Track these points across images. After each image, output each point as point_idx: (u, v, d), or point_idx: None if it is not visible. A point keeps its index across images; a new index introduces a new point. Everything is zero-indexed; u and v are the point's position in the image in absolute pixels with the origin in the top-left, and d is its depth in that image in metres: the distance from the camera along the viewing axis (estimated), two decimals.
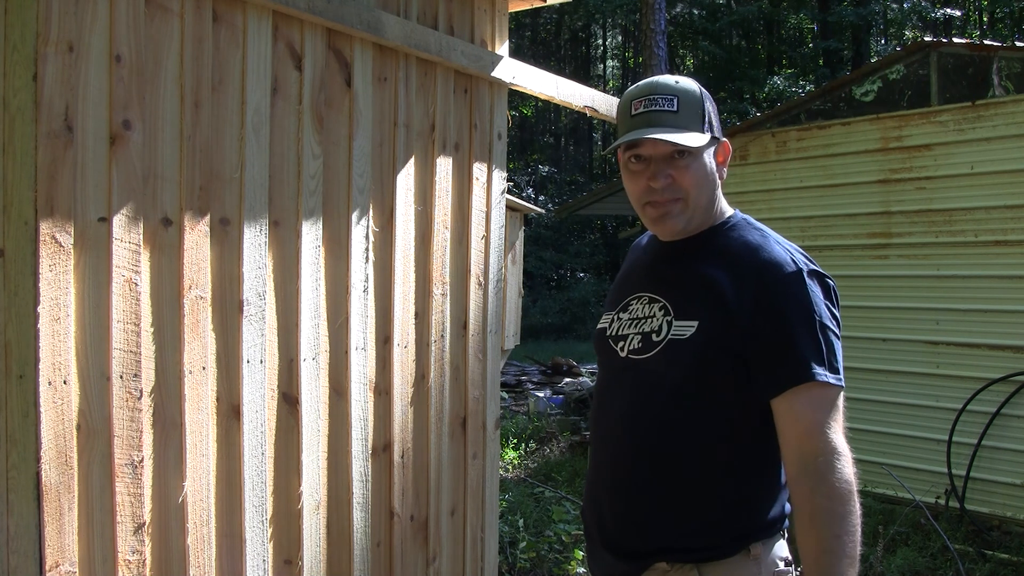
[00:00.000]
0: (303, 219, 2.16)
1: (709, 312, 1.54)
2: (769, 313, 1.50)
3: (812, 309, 1.50)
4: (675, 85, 1.61)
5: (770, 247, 1.58)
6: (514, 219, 9.85)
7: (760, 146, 6.41)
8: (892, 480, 5.34)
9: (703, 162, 1.60)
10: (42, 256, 1.60)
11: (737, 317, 1.51)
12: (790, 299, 1.51)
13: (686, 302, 1.59)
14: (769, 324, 1.50)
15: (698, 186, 1.60)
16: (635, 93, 1.63)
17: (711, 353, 1.52)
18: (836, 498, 1.42)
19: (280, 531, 2.12)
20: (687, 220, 1.62)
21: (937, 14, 19.60)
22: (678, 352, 1.55)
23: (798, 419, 1.47)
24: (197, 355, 1.90)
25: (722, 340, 1.52)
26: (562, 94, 3.01)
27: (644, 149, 1.59)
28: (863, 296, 5.87)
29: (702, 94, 1.63)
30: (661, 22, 11.84)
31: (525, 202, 11.28)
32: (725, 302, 1.53)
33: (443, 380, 2.65)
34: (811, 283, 1.52)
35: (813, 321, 1.49)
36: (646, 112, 1.59)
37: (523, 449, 7.39)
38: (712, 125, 1.62)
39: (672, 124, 1.56)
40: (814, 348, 1.47)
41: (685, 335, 1.55)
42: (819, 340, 1.48)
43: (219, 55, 1.95)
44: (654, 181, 1.59)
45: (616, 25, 28.68)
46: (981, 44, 5.76)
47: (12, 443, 1.60)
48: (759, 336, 1.50)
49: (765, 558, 1.55)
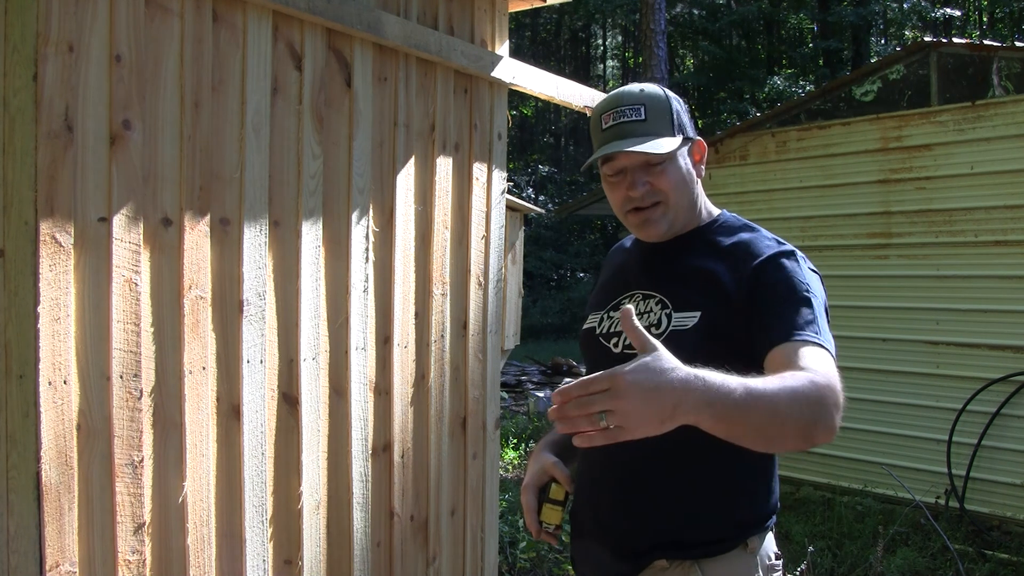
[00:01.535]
0: (303, 219, 2.16)
1: (710, 301, 1.56)
2: (767, 285, 1.52)
3: (807, 284, 1.51)
4: (640, 93, 1.64)
5: (761, 237, 1.62)
6: (514, 219, 9.86)
7: (760, 146, 6.41)
8: (892, 480, 5.34)
9: (678, 164, 1.63)
10: (42, 256, 1.60)
11: (736, 301, 1.52)
12: (786, 273, 1.52)
13: (685, 294, 1.60)
14: (768, 292, 1.51)
15: (677, 188, 1.63)
16: (603, 107, 1.67)
17: (715, 341, 1.52)
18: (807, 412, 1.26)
19: (280, 531, 2.12)
20: (670, 222, 1.64)
21: (937, 14, 19.59)
22: (681, 343, 1.55)
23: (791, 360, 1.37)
24: (197, 355, 1.90)
25: (726, 327, 1.52)
26: (562, 94, 3.02)
27: (620, 161, 1.63)
28: (863, 296, 5.87)
29: (668, 97, 1.65)
30: (661, 22, 11.84)
31: (525, 202, 11.28)
32: (725, 291, 1.54)
33: (443, 380, 2.65)
34: (804, 264, 1.56)
35: (809, 294, 1.50)
36: (616, 125, 1.62)
37: (523, 449, 7.39)
38: (682, 126, 1.65)
39: (642, 132, 1.59)
40: (810, 318, 1.46)
41: (688, 325, 1.56)
42: (815, 313, 1.47)
43: (219, 55, 1.95)
44: (632, 190, 1.62)
45: (616, 25, 28.68)
46: (981, 44, 5.76)
47: (12, 443, 1.60)
48: (759, 304, 1.50)
49: (760, 551, 1.56)
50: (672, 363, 1.16)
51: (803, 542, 4.50)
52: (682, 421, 1.17)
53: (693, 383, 1.16)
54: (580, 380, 1.15)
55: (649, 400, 1.13)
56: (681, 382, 1.15)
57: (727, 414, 1.19)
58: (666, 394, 1.14)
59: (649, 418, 1.14)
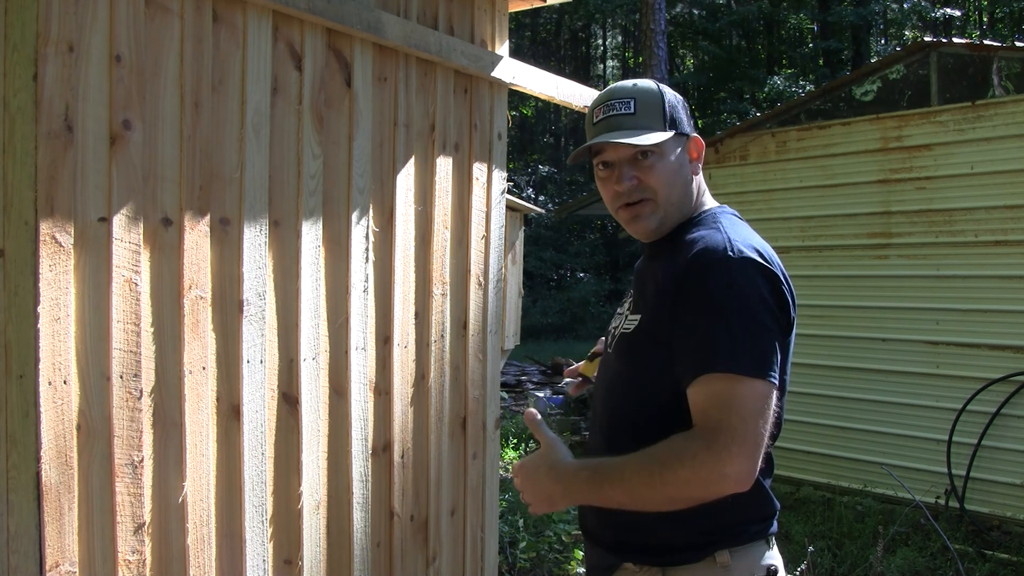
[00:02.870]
0: (303, 219, 2.16)
1: (648, 305, 1.56)
2: (688, 300, 1.45)
3: (733, 296, 1.42)
4: (631, 88, 1.63)
5: (711, 237, 1.51)
6: (514, 219, 9.86)
7: (760, 146, 6.41)
8: (892, 480, 5.34)
9: (669, 160, 1.60)
10: (42, 256, 1.60)
11: (666, 307, 1.49)
12: (709, 285, 1.44)
13: (639, 297, 1.63)
14: (686, 311, 1.45)
15: (667, 184, 1.59)
16: (596, 102, 1.67)
17: (649, 346, 1.52)
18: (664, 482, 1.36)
19: (280, 531, 2.12)
20: (660, 219, 1.61)
21: (937, 14, 19.59)
22: (626, 346, 1.59)
23: (695, 411, 1.40)
24: (197, 355, 1.90)
25: (656, 332, 1.51)
26: (562, 94, 3.01)
27: (607, 154, 1.62)
28: (863, 296, 5.87)
29: (661, 92, 1.64)
30: (661, 22, 11.84)
31: (525, 202, 11.28)
32: (660, 293, 1.51)
33: (443, 380, 2.65)
34: (742, 271, 1.44)
35: (732, 309, 1.41)
36: (605, 118, 1.62)
37: (523, 449, 7.39)
38: (677, 122, 1.62)
39: (630, 126, 1.58)
40: (728, 338, 1.39)
41: (630, 329, 1.58)
42: (735, 330, 1.39)
43: (219, 55, 1.95)
44: (619, 184, 1.60)
45: (616, 25, 28.69)
46: (981, 44, 5.76)
47: (12, 443, 1.60)
48: (679, 323, 1.46)
49: (738, 567, 1.49)
50: (550, 462, 1.51)
51: (803, 542, 4.50)
52: (564, 506, 1.53)
53: (560, 481, 1.49)
54: (515, 463, 1.58)
55: (534, 491, 1.52)
56: (552, 480, 1.49)
57: (588, 500, 1.50)
58: (542, 488, 1.51)
59: (539, 501, 1.52)
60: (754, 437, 1.35)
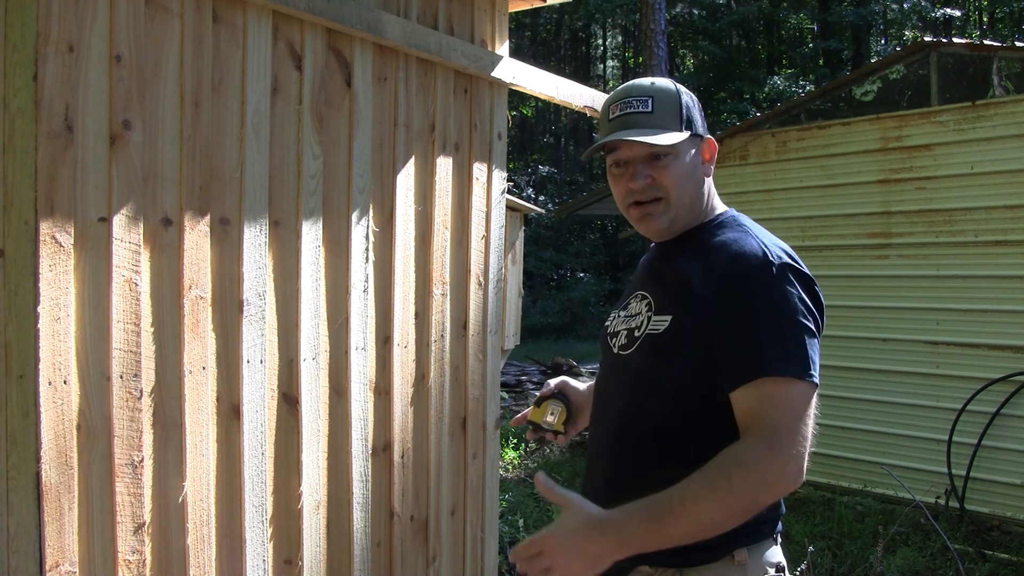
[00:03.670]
0: (303, 219, 2.16)
1: (681, 306, 1.54)
2: (732, 304, 1.46)
3: (777, 301, 1.44)
4: (650, 86, 1.62)
5: (744, 241, 1.54)
6: (514, 219, 9.86)
7: (760, 146, 6.41)
8: (892, 480, 5.34)
9: (683, 160, 1.60)
10: (42, 256, 1.60)
11: (704, 310, 1.49)
12: (754, 290, 1.46)
13: (664, 297, 1.60)
14: (731, 315, 1.46)
15: (679, 184, 1.59)
16: (612, 98, 1.65)
17: (682, 347, 1.51)
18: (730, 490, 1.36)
19: (280, 531, 2.12)
20: (671, 219, 1.61)
21: (937, 14, 19.60)
22: (654, 347, 1.56)
23: (745, 414, 1.42)
24: (197, 355, 1.90)
25: (692, 334, 1.50)
26: (562, 94, 3.01)
27: (622, 152, 1.61)
28: (863, 296, 5.87)
29: (679, 93, 1.63)
30: (661, 22, 11.84)
31: (525, 202, 11.28)
32: (694, 295, 1.51)
33: (443, 380, 2.65)
34: (782, 276, 1.47)
35: (778, 313, 1.43)
36: (622, 115, 1.60)
37: (523, 449, 7.39)
38: (692, 123, 1.62)
39: (647, 125, 1.57)
40: (776, 342, 1.41)
41: (660, 329, 1.55)
42: (783, 333, 1.42)
43: (219, 55, 1.95)
44: (632, 182, 1.59)
45: (616, 25, 28.69)
46: (981, 44, 5.76)
47: (12, 443, 1.60)
48: (723, 328, 1.46)
49: (752, 564, 1.51)
50: (586, 518, 1.39)
51: (803, 542, 4.50)
52: (611, 561, 1.38)
53: (607, 534, 1.37)
54: (523, 543, 1.43)
55: (574, 558, 1.38)
56: (596, 536, 1.37)
57: (645, 545, 1.38)
58: (586, 550, 1.38)
59: (582, 568, 1.38)
60: (805, 436, 1.39)
